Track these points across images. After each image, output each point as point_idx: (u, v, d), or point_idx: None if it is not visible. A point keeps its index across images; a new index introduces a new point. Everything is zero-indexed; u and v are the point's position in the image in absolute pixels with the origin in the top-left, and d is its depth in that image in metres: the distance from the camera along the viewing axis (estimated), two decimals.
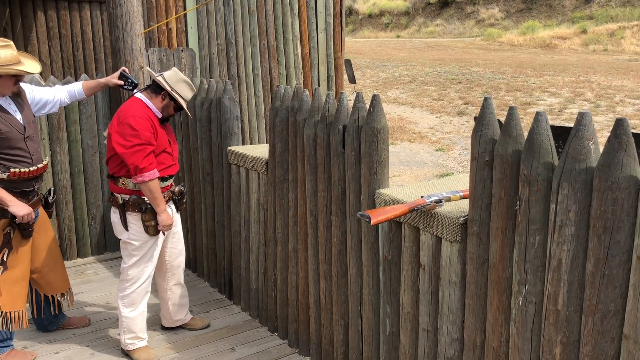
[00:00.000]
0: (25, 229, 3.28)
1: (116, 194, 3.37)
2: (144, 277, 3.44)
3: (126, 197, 3.34)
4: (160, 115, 3.37)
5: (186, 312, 3.83)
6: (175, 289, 3.72)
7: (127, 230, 3.36)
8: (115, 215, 3.41)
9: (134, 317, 3.45)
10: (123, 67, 3.80)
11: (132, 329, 3.46)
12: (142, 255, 3.40)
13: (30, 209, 3.23)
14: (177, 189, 3.60)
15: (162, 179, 3.41)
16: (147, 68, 3.52)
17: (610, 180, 1.77)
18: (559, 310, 1.95)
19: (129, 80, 3.68)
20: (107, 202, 3.36)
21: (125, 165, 3.28)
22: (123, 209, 3.34)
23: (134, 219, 3.35)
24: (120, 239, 3.46)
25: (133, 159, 3.19)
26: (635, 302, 1.76)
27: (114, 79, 3.69)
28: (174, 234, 3.63)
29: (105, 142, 3.50)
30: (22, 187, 3.24)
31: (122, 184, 3.34)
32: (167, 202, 3.47)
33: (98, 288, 4.53)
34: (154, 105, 3.34)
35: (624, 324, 1.82)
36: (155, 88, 3.37)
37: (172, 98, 3.37)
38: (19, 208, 3.18)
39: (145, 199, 3.33)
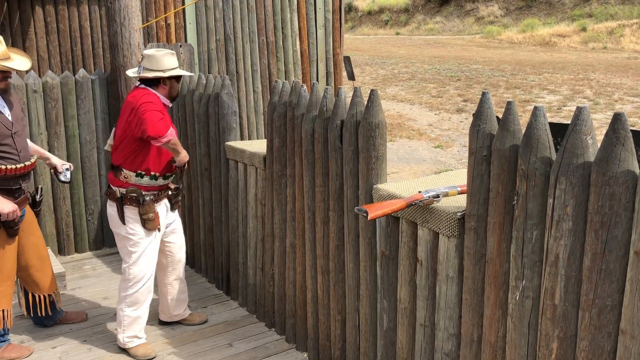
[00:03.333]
0: (10, 227, 3.24)
1: (115, 187, 3.35)
2: (147, 275, 3.42)
3: (124, 190, 3.33)
4: (169, 103, 3.41)
5: (185, 307, 3.83)
6: (175, 284, 3.71)
7: (124, 223, 3.35)
8: (112, 209, 3.39)
9: (136, 316, 3.44)
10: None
11: (133, 328, 3.45)
12: (141, 253, 3.38)
13: (16, 206, 3.20)
14: (173, 185, 3.60)
15: (165, 176, 3.43)
16: (127, 72, 3.49)
17: (607, 175, 1.76)
18: (556, 305, 1.95)
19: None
20: (104, 195, 3.35)
21: (133, 157, 3.30)
22: (121, 202, 3.33)
23: (131, 212, 3.34)
24: (116, 237, 3.45)
25: (151, 123, 3.17)
26: (632, 297, 1.76)
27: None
28: (173, 230, 3.63)
29: (106, 148, 3.51)
30: (8, 185, 3.22)
31: (125, 177, 3.33)
32: (160, 200, 3.46)
33: (95, 283, 4.52)
34: (161, 94, 3.36)
35: (621, 319, 1.82)
36: (150, 82, 3.35)
37: (169, 77, 3.36)
38: (3, 206, 3.15)
39: (143, 192, 3.34)
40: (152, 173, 3.37)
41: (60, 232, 4.98)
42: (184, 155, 3.44)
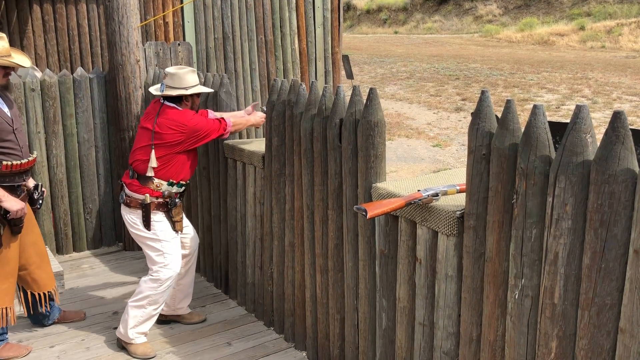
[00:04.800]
0: (16, 225, 3.25)
1: (141, 195, 3.38)
2: (175, 274, 3.47)
3: (154, 198, 3.38)
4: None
5: (188, 303, 3.85)
6: (187, 275, 3.75)
7: (148, 230, 3.39)
8: (134, 215, 3.42)
9: (155, 314, 3.48)
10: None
11: (146, 325, 3.48)
12: (173, 253, 3.43)
13: (23, 204, 3.21)
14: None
15: (186, 183, 3.51)
16: (150, 90, 3.57)
17: (607, 174, 1.76)
18: (555, 304, 1.95)
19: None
20: (123, 204, 3.41)
21: (169, 168, 3.37)
22: (148, 209, 3.37)
23: (159, 217, 3.41)
24: (141, 242, 3.47)
25: (207, 126, 3.39)
26: (632, 295, 1.76)
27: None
28: (186, 224, 3.70)
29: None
30: (12, 181, 3.22)
31: (157, 186, 3.39)
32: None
33: (94, 282, 4.51)
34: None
35: (620, 317, 1.82)
36: (174, 99, 3.43)
37: (192, 94, 3.45)
38: (12, 203, 3.16)
39: (171, 198, 3.42)
40: (180, 181, 3.47)
41: (58, 231, 4.97)
42: (255, 120, 3.68)
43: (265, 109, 3.74)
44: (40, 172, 4.79)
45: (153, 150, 3.35)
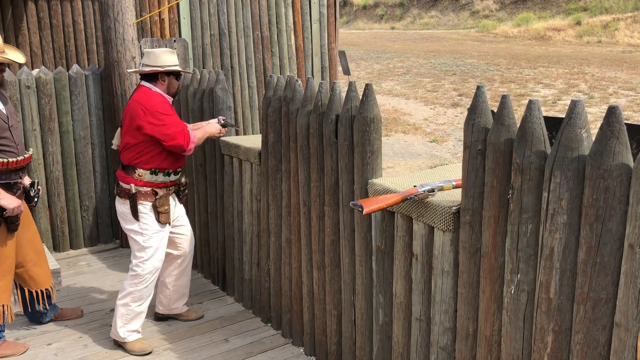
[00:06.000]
0: (12, 223, 3.24)
1: (127, 185, 3.37)
2: (156, 270, 3.45)
3: (140, 188, 3.36)
4: (170, 99, 3.45)
5: (184, 302, 3.84)
6: (181, 277, 3.74)
7: (137, 220, 3.37)
8: (124, 206, 3.41)
9: (140, 311, 3.46)
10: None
11: (135, 322, 3.46)
12: (155, 248, 3.40)
13: (20, 201, 3.21)
14: (183, 179, 3.63)
15: (176, 172, 3.48)
16: (128, 71, 3.57)
17: (602, 168, 1.76)
18: (551, 299, 1.96)
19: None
20: (114, 194, 3.38)
21: (147, 156, 3.32)
22: (134, 198, 3.34)
23: (145, 208, 3.37)
24: (128, 234, 3.46)
25: (173, 135, 3.27)
26: (627, 289, 1.77)
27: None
28: (182, 223, 3.67)
29: (114, 147, 3.53)
30: (9, 179, 3.21)
31: (139, 175, 3.36)
32: (171, 194, 3.51)
33: (91, 279, 4.51)
34: (161, 90, 3.40)
35: (616, 311, 1.82)
36: (149, 77, 3.39)
37: (168, 74, 3.40)
38: (9, 201, 3.15)
39: (156, 189, 3.39)
40: (166, 170, 3.42)
41: (55, 229, 4.96)
42: (211, 131, 3.53)
43: (222, 121, 3.64)
44: (37, 169, 4.78)
45: (119, 129, 3.35)
